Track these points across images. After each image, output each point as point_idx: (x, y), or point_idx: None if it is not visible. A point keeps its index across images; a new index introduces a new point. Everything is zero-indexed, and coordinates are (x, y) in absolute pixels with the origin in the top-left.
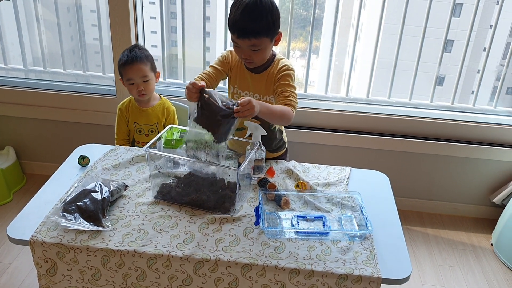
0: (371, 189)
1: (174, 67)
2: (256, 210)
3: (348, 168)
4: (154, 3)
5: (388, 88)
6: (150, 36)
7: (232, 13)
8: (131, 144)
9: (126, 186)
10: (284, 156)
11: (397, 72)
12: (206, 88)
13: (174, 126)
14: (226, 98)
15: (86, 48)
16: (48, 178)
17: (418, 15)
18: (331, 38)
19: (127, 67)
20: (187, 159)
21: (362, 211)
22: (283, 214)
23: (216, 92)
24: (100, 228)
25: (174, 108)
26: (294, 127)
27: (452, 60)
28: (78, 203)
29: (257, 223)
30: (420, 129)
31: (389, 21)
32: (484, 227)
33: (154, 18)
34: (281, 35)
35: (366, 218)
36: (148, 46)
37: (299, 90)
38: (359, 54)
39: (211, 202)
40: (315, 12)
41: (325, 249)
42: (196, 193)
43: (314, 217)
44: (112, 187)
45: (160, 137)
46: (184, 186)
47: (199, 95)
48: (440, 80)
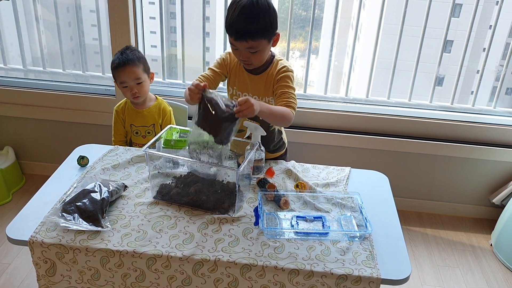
0: (371, 189)
1: (173, 67)
2: (256, 210)
3: (347, 169)
4: (153, 3)
5: (388, 88)
6: (150, 36)
7: (229, 15)
8: (129, 146)
9: (126, 187)
10: (284, 157)
11: (396, 72)
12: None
13: (173, 126)
14: (226, 99)
15: (86, 48)
16: (48, 179)
17: (417, 15)
18: (330, 38)
19: (119, 70)
20: (186, 159)
21: (361, 212)
22: (283, 214)
23: (217, 93)
24: (99, 229)
25: (171, 108)
26: (294, 127)
27: (451, 60)
28: (77, 204)
29: (256, 223)
30: (420, 129)
31: (388, 21)
32: (483, 227)
33: (154, 18)
34: (279, 36)
35: (366, 219)
36: (148, 46)
37: (298, 91)
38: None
39: (210, 203)
40: (314, 12)
41: (324, 249)
42: (195, 193)
43: (314, 217)
44: (111, 187)
45: (160, 137)
46: (183, 187)
47: (201, 96)
48: (439, 80)
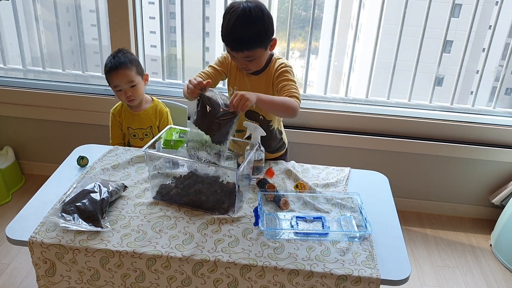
0: (370, 189)
1: (173, 67)
2: (255, 210)
3: (347, 169)
4: (153, 3)
5: (387, 89)
6: (149, 36)
7: (224, 25)
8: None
9: (125, 187)
10: (284, 157)
11: (396, 72)
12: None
13: (173, 126)
14: (226, 98)
15: (85, 48)
16: (47, 179)
17: (417, 15)
18: (330, 39)
19: (112, 74)
20: (186, 159)
21: (361, 212)
22: (282, 214)
23: (217, 92)
24: (99, 229)
25: (168, 109)
26: (294, 127)
27: (451, 60)
28: (77, 204)
29: (256, 223)
30: (420, 129)
31: (388, 21)
32: (483, 227)
33: (153, 18)
34: (275, 41)
35: (365, 219)
36: (147, 46)
37: None
38: (358, 54)
39: (210, 203)
40: (314, 12)
41: (324, 250)
42: (195, 193)
43: (313, 217)
44: (111, 188)
45: (159, 137)
46: (183, 187)
47: (199, 93)
48: (439, 81)
